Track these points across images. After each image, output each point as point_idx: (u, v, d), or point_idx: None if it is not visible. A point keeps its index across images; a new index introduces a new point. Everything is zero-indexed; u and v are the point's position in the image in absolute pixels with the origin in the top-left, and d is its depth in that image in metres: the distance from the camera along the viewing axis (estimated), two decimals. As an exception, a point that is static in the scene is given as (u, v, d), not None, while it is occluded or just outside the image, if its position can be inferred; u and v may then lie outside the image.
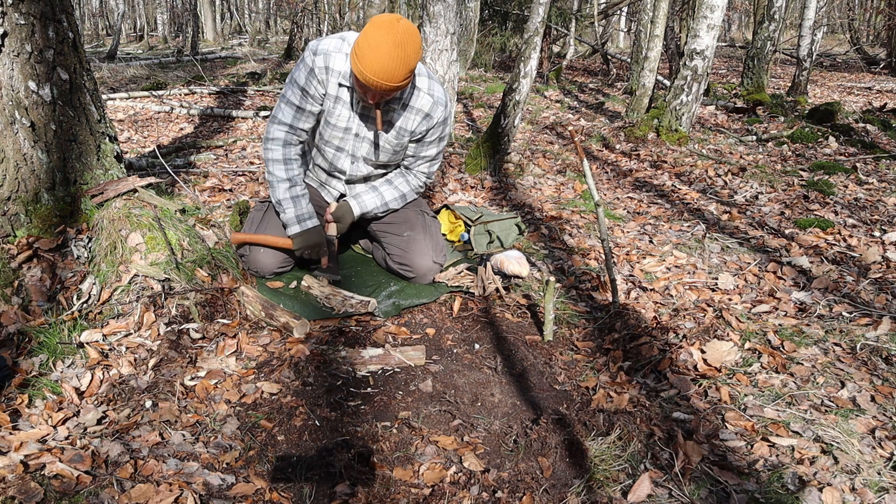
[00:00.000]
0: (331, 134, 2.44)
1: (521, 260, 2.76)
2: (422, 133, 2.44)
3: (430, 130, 2.44)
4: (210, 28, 19.43)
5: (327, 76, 2.28)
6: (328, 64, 2.25)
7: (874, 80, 11.47)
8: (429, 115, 2.39)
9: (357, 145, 2.47)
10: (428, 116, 2.39)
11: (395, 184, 2.62)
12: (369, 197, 2.58)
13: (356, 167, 2.55)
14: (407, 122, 2.40)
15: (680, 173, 4.77)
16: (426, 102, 2.37)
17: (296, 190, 2.44)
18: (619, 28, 17.00)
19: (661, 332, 2.24)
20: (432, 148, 2.53)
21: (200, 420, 1.78)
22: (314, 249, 2.48)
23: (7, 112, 2.11)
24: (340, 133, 2.43)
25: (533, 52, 4.17)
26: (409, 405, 1.93)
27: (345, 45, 2.25)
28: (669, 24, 7.98)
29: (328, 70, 2.26)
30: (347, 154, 2.50)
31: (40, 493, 1.43)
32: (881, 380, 1.95)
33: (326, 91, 2.31)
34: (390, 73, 2.03)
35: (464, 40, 10.26)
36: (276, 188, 2.43)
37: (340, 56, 2.25)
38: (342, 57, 2.25)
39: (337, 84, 2.30)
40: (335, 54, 2.25)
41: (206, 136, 5.66)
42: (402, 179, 2.63)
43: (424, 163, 2.58)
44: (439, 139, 2.51)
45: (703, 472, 1.60)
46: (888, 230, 3.32)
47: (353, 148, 2.48)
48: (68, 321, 2.02)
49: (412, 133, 2.43)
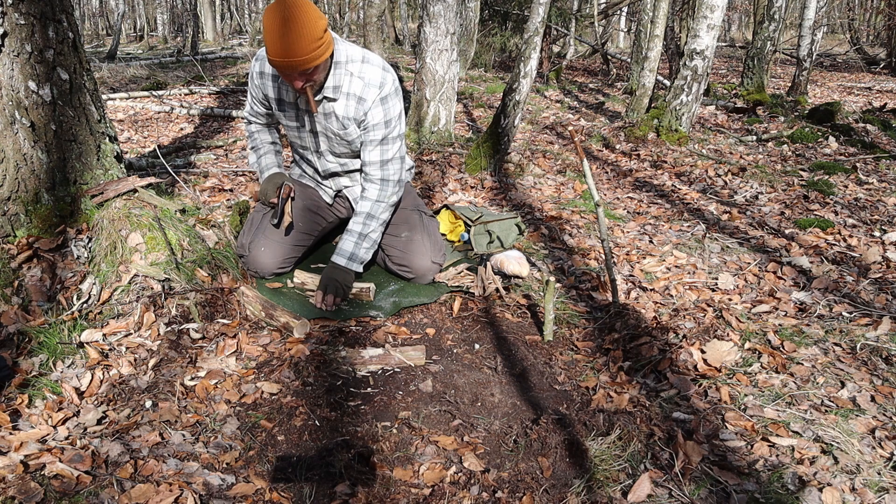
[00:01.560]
0: (291, 134, 2.57)
1: (521, 260, 2.76)
2: (361, 118, 2.38)
3: (367, 114, 2.36)
4: (210, 28, 19.43)
5: (262, 80, 2.41)
6: (262, 69, 2.39)
7: (874, 80, 11.48)
8: (361, 98, 2.33)
9: (314, 140, 2.52)
10: (361, 100, 2.33)
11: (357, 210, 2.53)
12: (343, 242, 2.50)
13: (323, 162, 2.61)
14: (343, 108, 2.36)
15: (680, 173, 4.77)
16: (356, 86, 2.32)
17: (259, 151, 2.66)
18: (619, 28, 17.00)
19: (661, 332, 2.25)
20: (374, 149, 2.43)
21: (200, 420, 1.78)
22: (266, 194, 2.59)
23: (7, 112, 2.11)
24: (295, 132, 2.53)
25: (533, 52, 4.17)
26: (409, 405, 1.93)
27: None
28: (669, 24, 7.98)
29: (262, 75, 2.40)
30: (311, 151, 2.58)
31: (40, 493, 1.43)
32: (881, 380, 1.95)
33: (266, 94, 2.44)
34: (289, 49, 2.03)
35: (464, 40, 10.25)
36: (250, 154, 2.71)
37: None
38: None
39: (275, 87, 2.40)
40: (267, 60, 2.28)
41: (206, 136, 5.66)
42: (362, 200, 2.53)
43: (375, 167, 2.47)
44: (383, 140, 2.40)
45: (703, 472, 1.60)
46: (888, 230, 3.32)
47: (312, 143, 2.54)
48: (68, 321, 2.02)
49: (354, 119, 2.39)
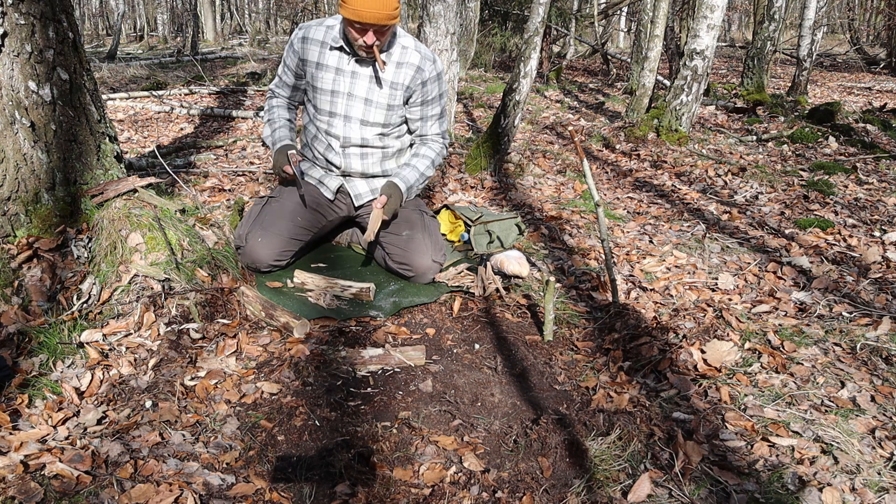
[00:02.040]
0: (320, 100, 2.58)
1: (521, 260, 2.76)
2: (416, 88, 2.53)
3: (425, 85, 2.53)
4: (210, 28, 19.42)
5: (304, 45, 2.51)
6: (306, 35, 2.50)
7: (874, 80, 11.48)
8: (420, 67, 2.50)
9: (350, 105, 2.54)
10: (419, 69, 2.51)
11: (420, 153, 2.69)
12: (407, 171, 2.63)
13: (347, 129, 2.59)
14: (398, 76, 2.51)
15: (680, 173, 4.77)
16: (415, 57, 2.50)
17: (275, 125, 2.70)
18: (619, 28, 17.00)
19: (661, 332, 2.24)
20: (435, 105, 2.63)
21: (200, 420, 1.78)
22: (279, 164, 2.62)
23: (7, 112, 2.11)
24: (328, 97, 2.55)
25: (533, 52, 4.17)
26: (409, 405, 1.93)
27: (325, 20, 2.51)
28: (669, 24, 7.98)
29: (305, 40, 2.50)
30: (340, 116, 2.58)
31: (40, 493, 1.43)
32: (881, 380, 1.95)
33: (305, 58, 2.53)
34: (380, 3, 2.19)
35: (464, 40, 10.25)
36: (265, 127, 2.75)
37: (320, 28, 2.50)
38: (322, 29, 2.49)
39: (317, 51, 2.50)
40: (315, 27, 2.51)
41: (206, 136, 5.66)
42: (425, 147, 2.71)
43: (434, 122, 2.68)
44: (439, 95, 2.62)
45: (703, 472, 1.60)
46: (888, 230, 3.32)
47: (346, 108, 2.55)
48: (68, 321, 2.02)
49: (406, 88, 2.52)
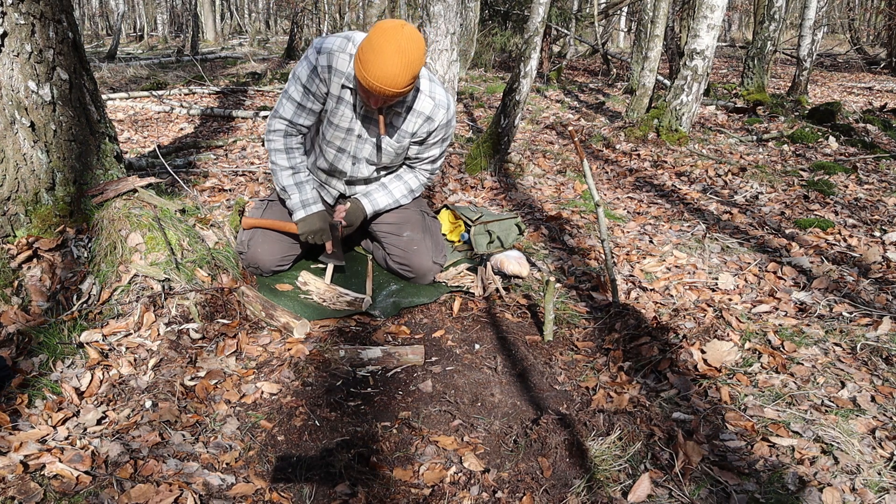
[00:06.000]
0: (333, 134, 2.43)
1: (521, 260, 2.76)
2: (423, 136, 2.44)
3: (432, 133, 2.44)
4: (210, 28, 19.42)
5: (330, 75, 2.26)
6: (332, 63, 2.24)
7: (874, 79, 11.47)
8: (430, 118, 2.38)
9: (359, 147, 2.46)
10: (429, 119, 2.39)
11: (403, 179, 2.63)
12: (380, 195, 2.58)
13: (357, 168, 2.53)
14: (409, 125, 2.39)
15: (680, 173, 4.76)
16: (427, 105, 2.36)
17: (299, 176, 2.48)
18: (619, 28, 17.00)
19: (661, 332, 2.24)
20: (435, 149, 2.54)
21: (200, 420, 1.78)
22: (318, 234, 2.50)
23: (7, 112, 2.11)
24: (343, 134, 2.42)
25: (533, 51, 4.17)
26: (409, 405, 1.92)
27: (349, 46, 2.23)
28: (669, 24, 7.98)
29: (331, 69, 2.25)
30: (349, 155, 2.49)
31: (40, 493, 1.43)
32: (881, 380, 1.95)
33: (329, 90, 2.31)
34: (393, 80, 2.02)
35: (464, 40, 10.25)
36: (280, 176, 2.46)
37: (345, 57, 2.23)
38: (346, 58, 2.23)
39: (340, 85, 2.29)
40: (339, 54, 2.23)
41: (206, 136, 5.65)
42: (411, 175, 2.64)
43: (427, 162, 2.59)
44: (442, 140, 2.51)
45: (703, 472, 1.60)
46: (888, 230, 3.32)
47: (355, 149, 2.47)
48: (68, 321, 2.02)
49: (413, 135, 2.43)
